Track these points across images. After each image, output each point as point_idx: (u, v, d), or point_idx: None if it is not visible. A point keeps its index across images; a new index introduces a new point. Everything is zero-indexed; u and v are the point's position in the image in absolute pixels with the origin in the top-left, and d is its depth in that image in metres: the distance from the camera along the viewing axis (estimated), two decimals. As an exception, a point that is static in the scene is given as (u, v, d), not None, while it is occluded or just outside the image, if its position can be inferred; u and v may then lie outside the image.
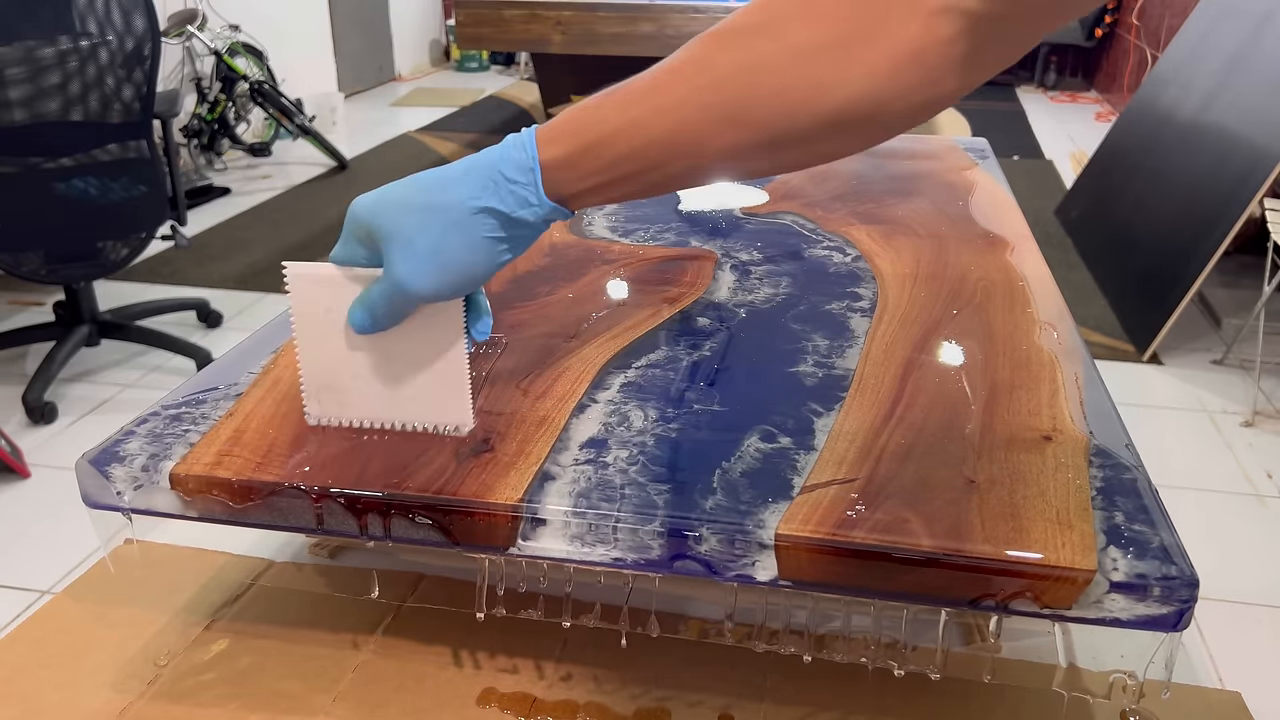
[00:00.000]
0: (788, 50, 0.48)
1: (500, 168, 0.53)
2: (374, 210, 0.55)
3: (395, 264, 0.54)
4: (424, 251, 0.54)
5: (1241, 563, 1.76)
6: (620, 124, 0.51)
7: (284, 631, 0.70)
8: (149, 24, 2.12)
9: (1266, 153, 2.35)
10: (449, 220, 0.53)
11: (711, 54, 0.50)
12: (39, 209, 2.15)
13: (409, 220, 0.54)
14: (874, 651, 0.63)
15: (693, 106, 0.50)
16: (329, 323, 0.60)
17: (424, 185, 0.54)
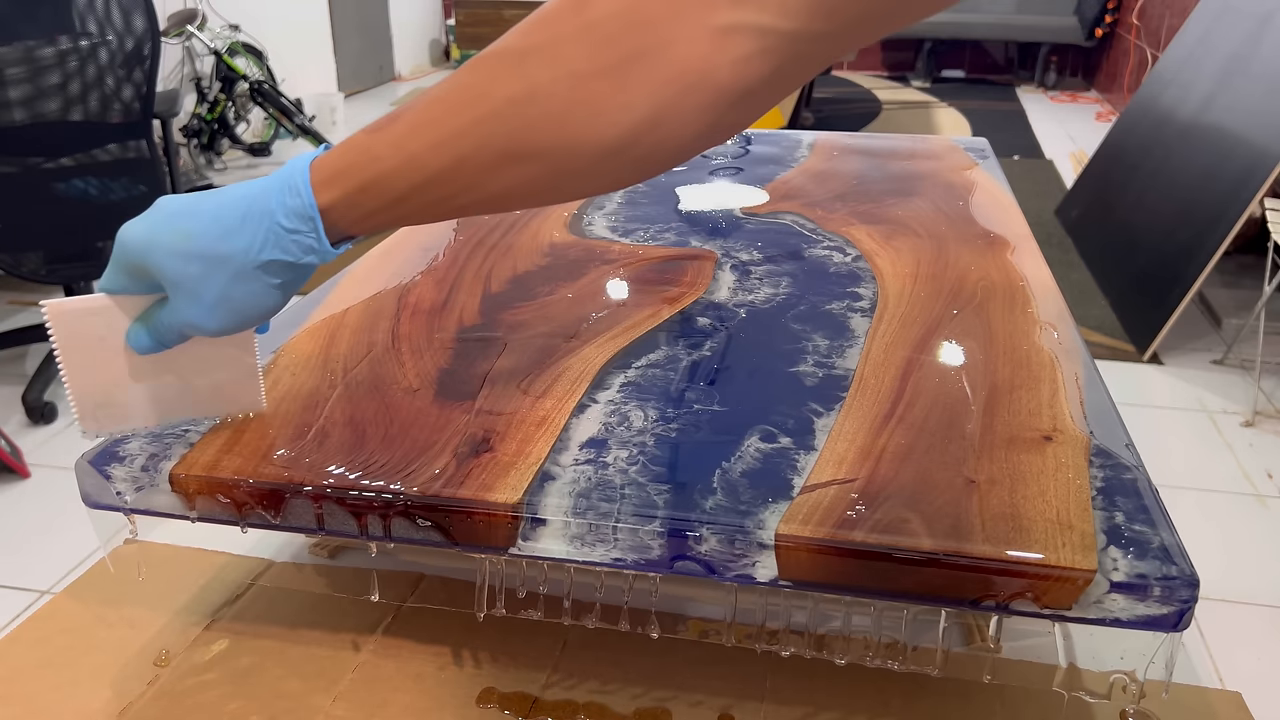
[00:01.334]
0: (565, 76, 0.45)
1: (278, 218, 0.51)
2: (146, 251, 0.52)
3: (180, 306, 0.53)
4: (210, 301, 0.53)
5: (1241, 563, 1.76)
6: (397, 162, 0.49)
7: (284, 631, 0.70)
8: (149, 24, 2.12)
9: (1266, 153, 2.35)
10: (232, 272, 0.52)
11: (486, 82, 0.47)
12: (39, 209, 2.15)
13: (190, 270, 0.52)
14: (874, 651, 0.63)
15: (469, 140, 0.47)
16: (103, 348, 0.58)
17: (200, 232, 0.52)
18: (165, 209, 0.53)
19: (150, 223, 0.53)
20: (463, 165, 0.48)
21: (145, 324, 0.57)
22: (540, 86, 0.46)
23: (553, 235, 1.00)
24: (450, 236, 1.00)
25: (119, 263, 0.54)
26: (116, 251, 0.54)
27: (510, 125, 0.47)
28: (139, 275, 0.54)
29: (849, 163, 1.29)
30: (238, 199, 0.52)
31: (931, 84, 6.34)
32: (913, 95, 6.01)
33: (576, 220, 1.05)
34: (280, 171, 0.52)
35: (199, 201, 0.53)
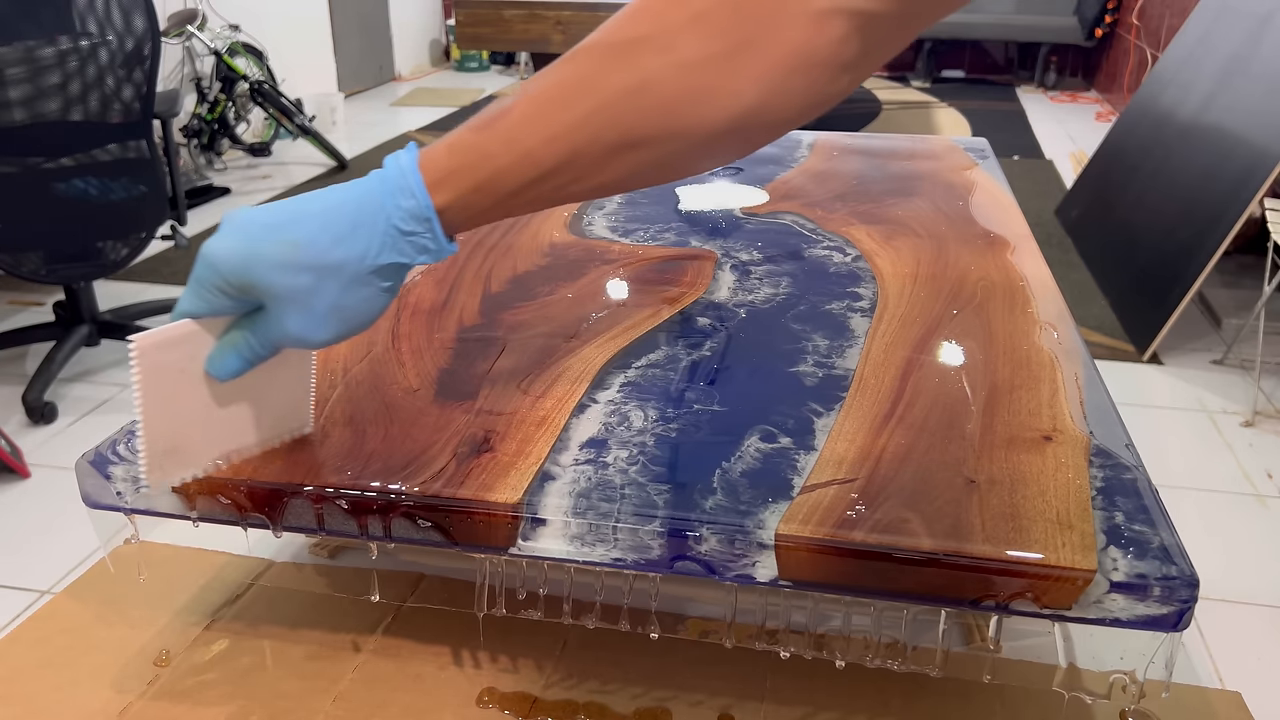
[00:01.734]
0: (675, 64, 0.46)
1: (394, 221, 0.50)
2: (246, 266, 0.50)
3: (288, 322, 0.51)
4: (322, 311, 0.51)
5: (1241, 563, 1.76)
6: (510, 159, 0.49)
7: (284, 631, 0.70)
8: (149, 24, 2.12)
9: (1266, 153, 2.35)
10: (346, 279, 0.51)
11: (597, 73, 0.48)
12: (39, 209, 2.15)
13: (300, 281, 0.50)
14: (874, 651, 0.63)
15: (583, 132, 0.48)
16: (182, 381, 0.55)
17: (308, 241, 0.50)
18: (256, 221, 0.51)
19: (244, 237, 0.50)
20: (576, 157, 0.49)
21: (232, 346, 0.54)
22: (652, 76, 0.47)
23: (553, 235, 1.00)
24: (450, 236, 1.00)
25: (208, 282, 0.51)
26: (205, 271, 0.51)
27: (623, 115, 0.48)
28: (234, 293, 0.52)
29: (849, 163, 1.29)
30: (343, 204, 0.51)
31: (931, 84, 6.34)
32: (913, 95, 6.01)
33: (576, 220, 1.05)
34: (384, 174, 0.51)
35: (294, 210, 0.51)
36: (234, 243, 0.50)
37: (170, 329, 0.53)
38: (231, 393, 0.58)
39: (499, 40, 3.67)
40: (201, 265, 0.51)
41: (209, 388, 0.56)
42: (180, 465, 0.58)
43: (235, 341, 0.54)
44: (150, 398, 0.54)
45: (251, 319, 0.53)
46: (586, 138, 0.48)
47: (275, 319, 0.52)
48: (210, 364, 0.55)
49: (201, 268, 0.51)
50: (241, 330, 0.54)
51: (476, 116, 0.50)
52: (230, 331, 0.54)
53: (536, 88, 0.49)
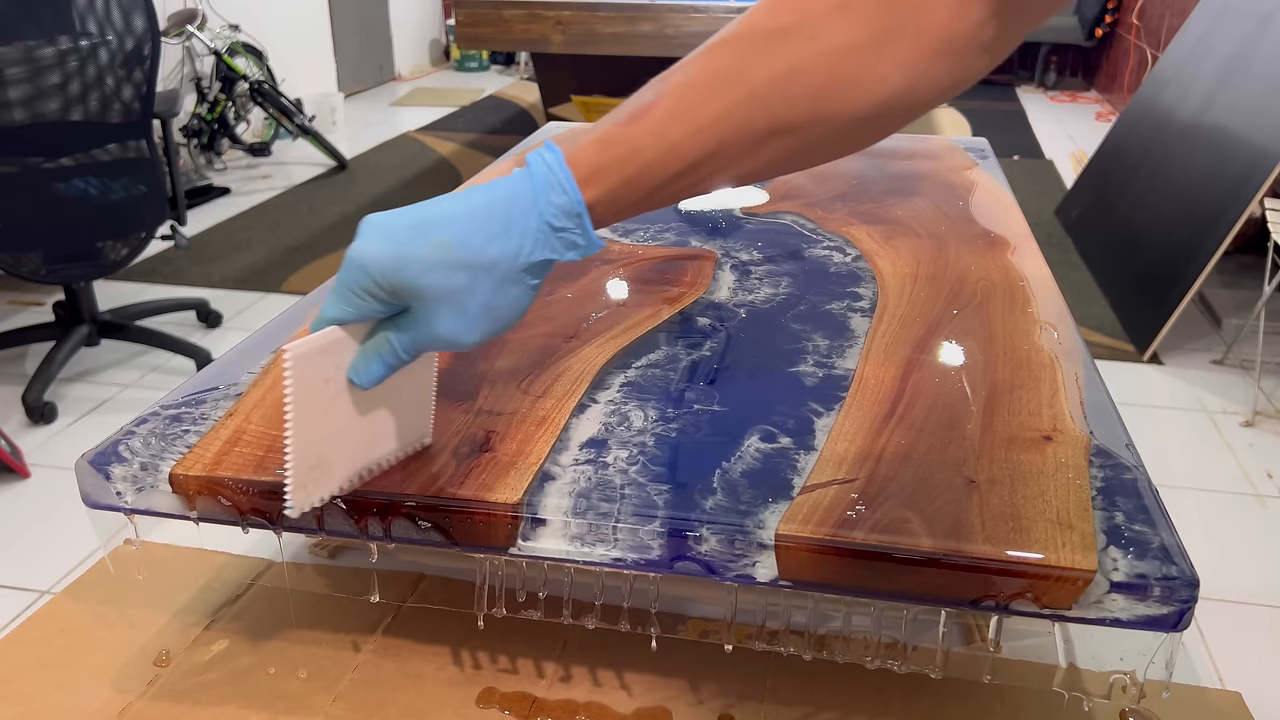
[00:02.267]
0: (823, 52, 0.47)
1: (546, 217, 0.50)
2: (397, 268, 0.49)
3: (438, 322, 0.51)
4: (476, 311, 0.51)
5: (1241, 563, 1.76)
6: (658, 152, 0.49)
7: (284, 631, 0.70)
8: (149, 24, 2.12)
9: (1266, 153, 2.35)
10: (499, 277, 0.50)
11: (743, 63, 0.48)
12: (39, 209, 2.15)
13: (455, 281, 0.50)
14: (874, 651, 0.63)
15: (731, 123, 0.48)
16: (326, 392, 0.54)
17: (461, 241, 0.50)
18: (401, 224, 0.50)
19: (392, 239, 0.50)
20: (723, 148, 0.49)
21: (376, 351, 0.53)
22: (800, 64, 0.47)
23: (553, 235, 1.00)
24: (450, 236, 1.00)
25: (357, 286, 0.51)
26: (354, 275, 0.50)
27: (771, 104, 0.48)
28: (384, 296, 0.51)
29: (849, 162, 1.29)
30: (493, 203, 0.50)
31: (931, 84, 6.34)
32: (913, 95, 6.00)
33: (576, 220, 1.05)
34: (531, 171, 0.51)
35: (440, 211, 0.51)
36: (383, 245, 0.50)
37: (318, 337, 0.52)
38: (367, 403, 0.56)
39: (499, 40, 3.67)
40: (349, 269, 0.50)
41: (350, 399, 0.55)
42: (321, 484, 0.56)
43: (379, 346, 0.53)
44: (300, 411, 0.52)
45: (395, 323, 0.53)
46: (734, 127, 0.49)
47: (425, 321, 0.51)
48: (354, 371, 0.54)
49: (349, 271, 0.50)
50: (385, 335, 0.53)
51: (619, 111, 0.51)
52: (372, 337, 0.53)
53: (681, 80, 0.50)
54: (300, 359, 0.51)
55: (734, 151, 0.49)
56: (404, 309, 0.52)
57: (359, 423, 0.56)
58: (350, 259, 0.50)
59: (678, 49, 3.41)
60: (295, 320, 0.81)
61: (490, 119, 5.31)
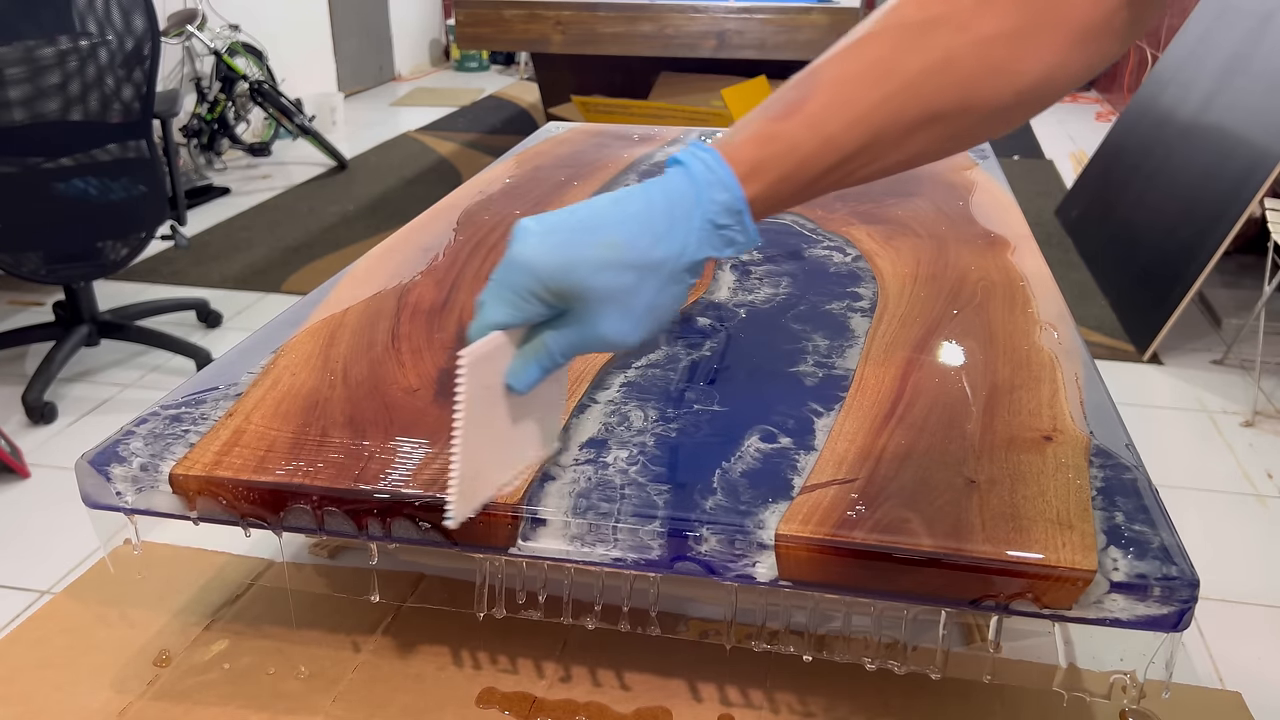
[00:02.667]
0: (973, 42, 0.48)
1: (709, 215, 0.50)
2: (567, 270, 0.49)
3: (603, 323, 0.51)
4: (640, 310, 0.51)
5: (1241, 563, 1.76)
6: (815, 145, 0.50)
7: (284, 631, 0.70)
8: (149, 24, 2.12)
9: (1266, 153, 2.35)
10: (664, 277, 0.50)
11: (895, 55, 0.49)
12: (39, 209, 2.15)
13: (623, 281, 0.50)
14: (874, 651, 0.63)
15: (885, 114, 0.49)
16: (489, 399, 0.53)
17: (629, 241, 0.50)
18: (564, 226, 0.50)
19: (558, 240, 0.50)
20: (877, 139, 0.50)
21: (533, 355, 0.53)
22: (952, 54, 0.49)
23: (553, 235, 1.00)
24: (450, 236, 1.00)
25: (524, 289, 0.50)
26: (521, 278, 0.50)
27: (924, 94, 0.49)
28: (550, 299, 0.51)
29: (849, 163, 1.29)
30: (655, 202, 0.50)
31: (931, 84, 6.34)
32: (913, 95, 6.00)
33: (576, 220, 1.05)
34: (689, 170, 0.51)
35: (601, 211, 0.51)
36: (550, 247, 0.50)
37: (486, 342, 0.51)
38: (515, 409, 0.55)
39: (499, 40, 3.67)
40: (514, 273, 0.50)
41: (505, 405, 0.54)
42: (477, 493, 0.56)
43: (536, 350, 0.53)
44: (469, 417, 0.52)
45: (552, 326, 0.52)
46: (888, 118, 0.49)
47: (589, 323, 0.51)
48: (512, 375, 0.53)
49: (514, 275, 0.50)
50: (543, 338, 0.52)
51: (769, 106, 0.51)
52: (529, 341, 0.53)
53: (834, 74, 0.50)
54: (474, 364, 0.51)
55: (887, 142, 0.50)
56: (561, 312, 0.52)
57: (508, 429, 0.56)
58: (514, 263, 0.50)
59: (678, 49, 3.41)
60: (295, 320, 0.81)
61: (490, 119, 5.32)
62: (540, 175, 1.22)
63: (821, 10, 3.30)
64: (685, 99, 3.64)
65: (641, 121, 3.31)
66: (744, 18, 3.31)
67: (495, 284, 0.51)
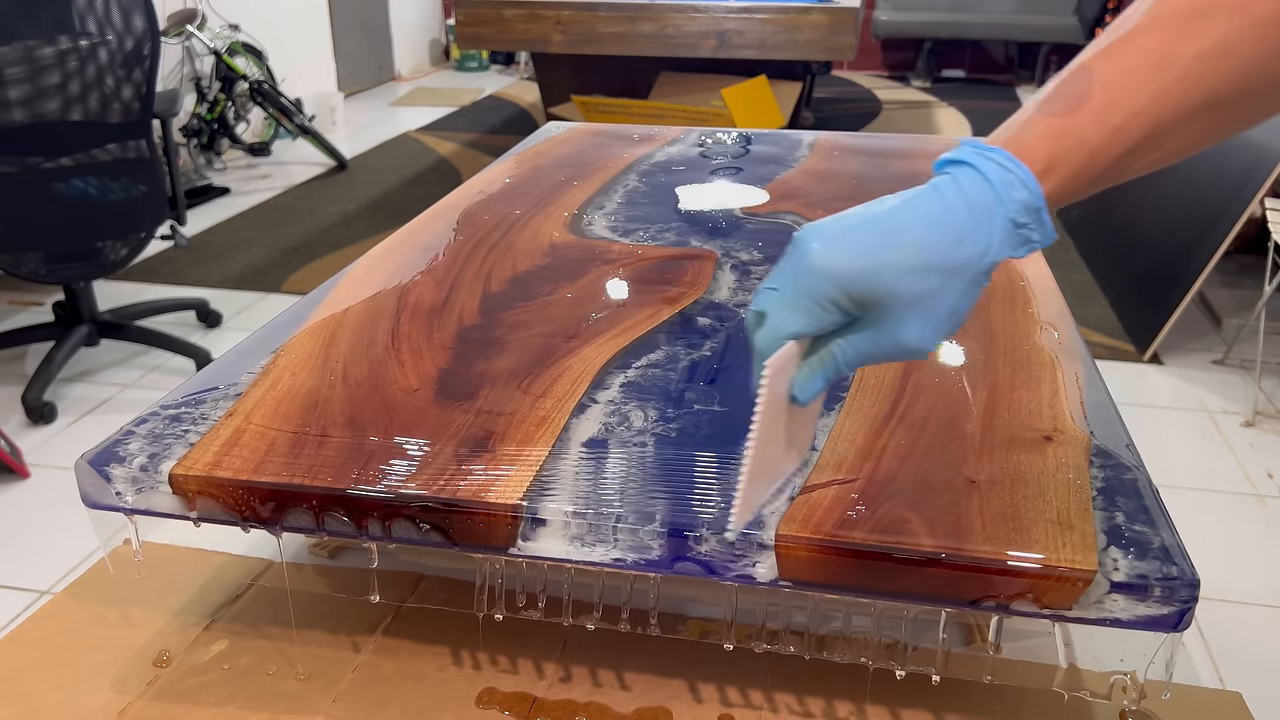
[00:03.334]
0: (1250, 25, 0.48)
1: (1010, 215, 0.49)
2: (869, 274, 0.49)
3: (905, 329, 0.49)
4: (943, 315, 0.50)
5: (1241, 563, 1.76)
6: (1103, 138, 0.49)
7: (284, 631, 0.70)
8: (148, 23, 2.12)
9: (1266, 153, 2.35)
10: (967, 280, 0.50)
11: (1172, 43, 0.49)
12: (39, 209, 2.15)
13: (927, 284, 0.49)
14: (874, 652, 0.63)
15: (1168, 103, 0.49)
16: (776, 411, 0.52)
17: (933, 243, 0.49)
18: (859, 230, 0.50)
19: (858, 246, 0.49)
20: (1159, 128, 0.50)
21: (820, 365, 0.52)
22: (1230, 39, 0.48)
23: (553, 235, 1.00)
24: (450, 236, 1.00)
25: (823, 297, 0.49)
26: (818, 287, 0.49)
27: (1204, 80, 0.49)
28: (849, 306, 0.50)
29: (849, 163, 1.29)
30: (953, 202, 0.50)
31: (931, 84, 6.34)
32: (913, 95, 6.01)
33: (576, 220, 1.05)
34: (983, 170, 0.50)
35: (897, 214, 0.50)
36: (849, 252, 0.49)
37: (783, 353, 0.50)
38: (792, 420, 0.55)
39: (499, 40, 3.67)
40: (812, 280, 0.49)
41: (785, 416, 0.54)
42: (756, 503, 0.55)
43: (823, 361, 0.52)
44: (764, 428, 0.51)
45: (840, 335, 0.51)
46: (1170, 107, 0.49)
47: (890, 329, 0.50)
48: (798, 387, 0.53)
49: (812, 283, 0.49)
50: (831, 348, 0.52)
51: (1046, 104, 0.51)
52: (816, 351, 0.52)
53: (1110, 68, 0.50)
54: (775, 376, 0.50)
55: (1169, 129, 0.50)
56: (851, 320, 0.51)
57: (782, 440, 0.55)
58: (811, 270, 0.49)
59: (678, 49, 3.41)
60: (295, 320, 0.81)
61: (490, 119, 5.32)
62: (540, 175, 1.23)
63: (821, 10, 3.30)
64: (685, 99, 3.64)
65: (641, 121, 3.31)
66: (744, 18, 3.31)
67: (787, 292, 0.50)
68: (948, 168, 0.51)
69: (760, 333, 0.51)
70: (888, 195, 0.51)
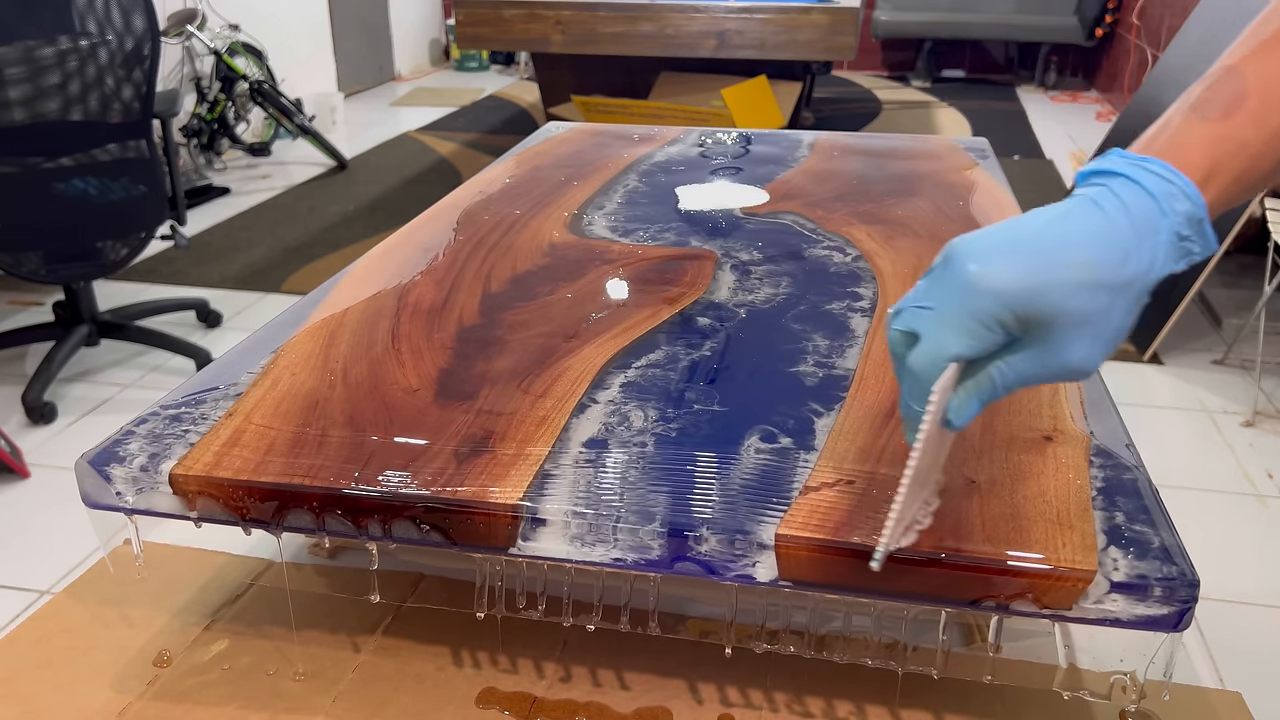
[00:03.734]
0: None
1: (1175, 228, 0.48)
2: (1038, 293, 0.46)
3: (1071, 350, 0.47)
4: (1109, 334, 0.48)
5: (1241, 563, 1.76)
6: (1262, 141, 0.49)
7: (284, 631, 0.70)
8: (149, 23, 2.12)
9: (1266, 153, 2.34)
10: (1132, 297, 0.47)
11: None
12: (39, 209, 2.15)
13: (1096, 303, 0.47)
14: (874, 652, 0.63)
15: None
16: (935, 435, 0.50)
17: (1102, 259, 0.47)
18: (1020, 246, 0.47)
19: (1023, 262, 0.47)
20: None
21: (976, 389, 0.50)
22: None
23: (553, 235, 1.00)
24: (450, 236, 1.00)
25: (989, 318, 0.47)
26: (983, 307, 0.47)
27: None
28: (1014, 326, 0.47)
29: (849, 163, 1.29)
30: (1115, 216, 0.48)
31: (931, 84, 6.35)
32: (913, 95, 6.01)
33: (576, 220, 1.05)
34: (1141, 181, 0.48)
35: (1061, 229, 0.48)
36: (1015, 269, 0.47)
37: (947, 376, 0.48)
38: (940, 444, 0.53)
39: (499, 40, 3.68)
40: (976, 300, 0.47)
41: (937, 440, 0.52)
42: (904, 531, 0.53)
43: (981, 384, 0.50)
44: (923, 455, 0.50)
45: (1000, 356, 0.49)
46: None
47: (1056, 350, 0.48)
48: (954, 411, 0.50)
49: (976, 302, 0.47)
50: (990, 371, 0.49)
51: (1200, 109, 0.50)
52: (972, 373, 0.50)
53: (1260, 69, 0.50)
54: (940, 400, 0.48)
55: None
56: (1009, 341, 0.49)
57: (931, 465, 0.54)
58: (974, 289, 0.47)
59: (678, 49, 3.41)
60: (295, 320, 0.81)
61: (490, 119, 5.32)
62: (540, 175, 1.23)
63: (821, 10, 3.30)
64: (685, 99, 3.64)
65: (641, 121, 3.31)
66: (744, 18, 3.31)
67: (946, 312, 0.48)
68: (1099, 179, 0.49)
69: (917, 354, 0.49)
70: (1034, 210, 0.49)
